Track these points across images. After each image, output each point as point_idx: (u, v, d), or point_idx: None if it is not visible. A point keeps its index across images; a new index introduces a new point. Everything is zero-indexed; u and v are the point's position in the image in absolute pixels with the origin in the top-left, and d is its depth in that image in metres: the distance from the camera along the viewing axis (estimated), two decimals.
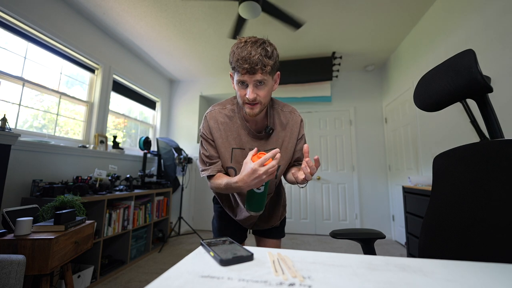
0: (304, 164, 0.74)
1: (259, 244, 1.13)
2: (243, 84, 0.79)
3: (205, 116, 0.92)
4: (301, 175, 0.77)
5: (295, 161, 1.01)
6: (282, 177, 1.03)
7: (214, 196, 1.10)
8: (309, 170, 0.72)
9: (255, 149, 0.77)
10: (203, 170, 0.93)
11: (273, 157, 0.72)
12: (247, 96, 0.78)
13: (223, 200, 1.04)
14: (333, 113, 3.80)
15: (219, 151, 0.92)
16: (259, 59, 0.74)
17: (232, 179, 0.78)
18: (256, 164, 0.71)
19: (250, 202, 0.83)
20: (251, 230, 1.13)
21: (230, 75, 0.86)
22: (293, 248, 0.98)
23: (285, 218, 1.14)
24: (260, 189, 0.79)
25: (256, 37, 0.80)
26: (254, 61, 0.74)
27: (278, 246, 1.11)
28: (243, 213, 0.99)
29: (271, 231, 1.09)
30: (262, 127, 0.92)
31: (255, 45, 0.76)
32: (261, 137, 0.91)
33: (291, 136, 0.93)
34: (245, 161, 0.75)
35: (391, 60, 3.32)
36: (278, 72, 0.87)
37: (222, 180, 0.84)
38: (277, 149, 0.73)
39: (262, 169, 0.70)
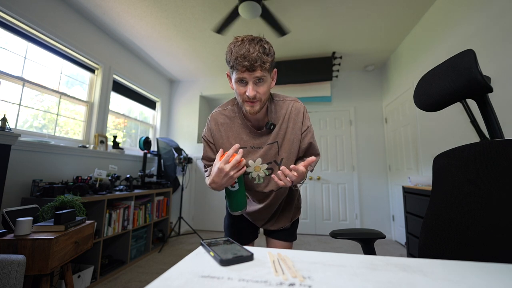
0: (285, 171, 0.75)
1: (268, 245, 1.09)
2: (242, 82, 0.79)
3: (208, 118, 0.96)
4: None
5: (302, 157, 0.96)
6: None
7: None
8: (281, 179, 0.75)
9: (221, 150, 0.80)
10: (205, 171, 0.98)
11: (237, 152, 0.76)
12: (247, 94, 0.78)
13: None
14: (333, 113, 3.80)
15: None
16: (258, 56, 0.74)
17: (208, 181, 0.81)
18: (221, 162, 0.74)
19: (229, 201, 0.86)
20: (263, 230, 1.10)
21: (227, 75, 0.86)
22: (293, 248, 0.98)
23: (297, 220, 1.10)
24: (234, 186, 0.81)
25: (252, 35, 0.80)
26: (253, 58, 0.73)
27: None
28: (250, 206, 1.01)
29: (281, 232, 1.05)
30: (263, 124, 0.91)
31: (253, 43, 0.76)
32: (262, 133, 0.90)
33: (294, 127, 0.90)
34: (213, 163, 0.78)
35: (391, 60, 3.32)
36: (275, 69, 0.87)
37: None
38: (237, 145, 0.76)
39: (228, 166, 0.73)
